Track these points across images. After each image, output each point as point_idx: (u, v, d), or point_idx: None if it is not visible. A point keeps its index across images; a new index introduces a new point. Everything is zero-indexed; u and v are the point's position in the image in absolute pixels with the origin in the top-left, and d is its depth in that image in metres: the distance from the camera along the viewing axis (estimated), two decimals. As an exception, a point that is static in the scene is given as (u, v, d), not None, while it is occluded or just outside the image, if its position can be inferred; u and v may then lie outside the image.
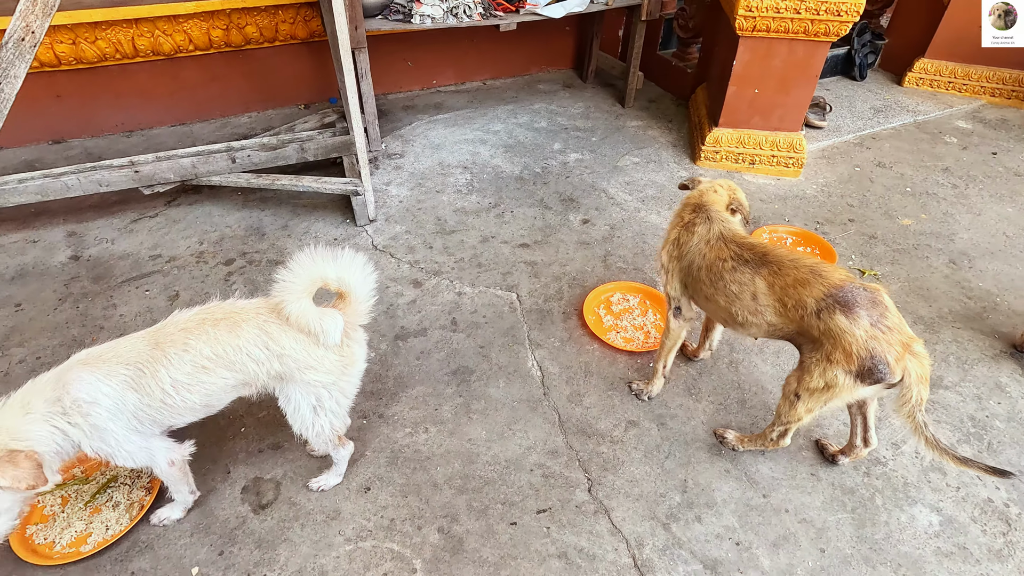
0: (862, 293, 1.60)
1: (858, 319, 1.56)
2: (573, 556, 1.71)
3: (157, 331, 1.53)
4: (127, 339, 1.53)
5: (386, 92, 4.27)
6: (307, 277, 1.52)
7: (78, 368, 1.44)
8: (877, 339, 1.54)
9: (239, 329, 1.52)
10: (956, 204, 3.28)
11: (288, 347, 1.54)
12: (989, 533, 1.79)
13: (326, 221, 2.99)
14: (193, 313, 1.56)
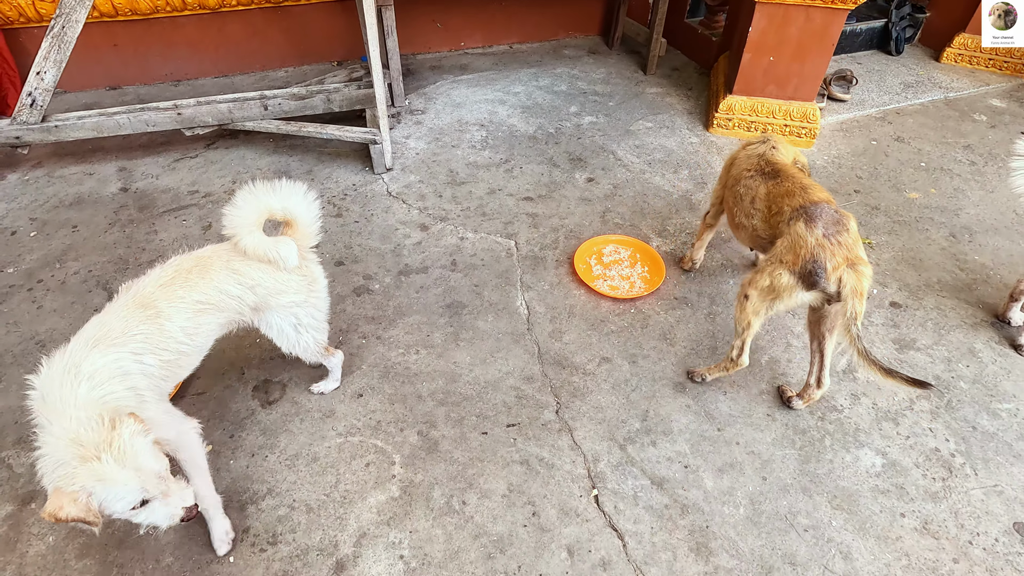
0: (829, 211, 1.79)
1: (814, 228, 1.75)
2: (534, 464, 1.91)
3: (135, 296, 1.52)
4: (109, 315, 1.48)
5: (415, 52, 4.44)
6: (253, 210, 1.63)
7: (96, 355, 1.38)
8: (824, 248, 1.71)
9: (210, 272, 1.60)
10: (970, 180, 3.25)
11: (257, 278, 1.66)
12: (929, 477, 1.90)
13: (347, 168, 3.22)
14: (163, 270, 1.59)
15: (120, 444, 1.23)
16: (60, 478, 1.21)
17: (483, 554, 1.69)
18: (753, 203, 2.03)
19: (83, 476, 1.20)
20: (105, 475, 1.20)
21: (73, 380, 1.31)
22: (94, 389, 1.32)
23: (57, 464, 1.23)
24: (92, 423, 1.24)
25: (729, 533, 1.76)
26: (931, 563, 1.70)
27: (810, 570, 1.68)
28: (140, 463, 1.25)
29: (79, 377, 1.32)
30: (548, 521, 1.77)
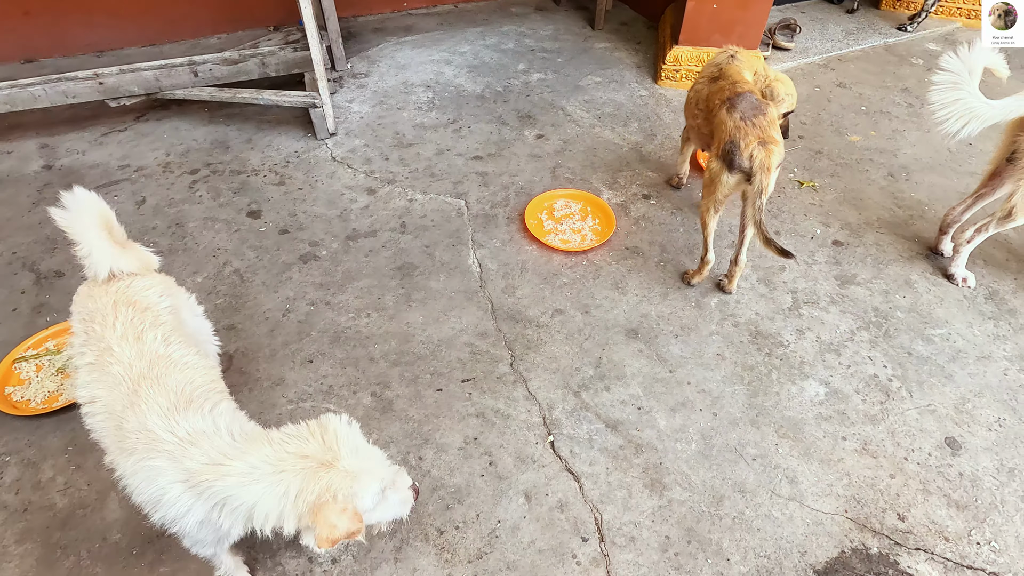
0: (750, 98, 1.95)
1: (733, 113, 1.94)
2: (490, 416, 1.92)
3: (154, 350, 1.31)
4: (169, 374, 1.28)
5: (356, 14, 4.27)
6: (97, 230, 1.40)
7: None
8: (740, 129, 1.93)
9: (144, 308, 1.41)
10: (907, 122, 3.33)
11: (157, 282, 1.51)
12: (868, 402, 1.99)
13: (288, 136, 3.10)
14: (104, 321, 1.33)
15: (339, 438, 1.14)
16: (311, 499, 1.09)
17: (441, 506, 1.70)
18: (698, 104, 2.27)
19: (338, 480, 1.10)
20: (353, 470, 1.12)
21: (224, 433, 1.19)
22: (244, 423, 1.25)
23: (287, 496, 1.10)
24: (301, 434, 1.15)
25: (682, 468, 1.81)
26: (870, 480, 1.79)
27: (758, 495, 1.75)
28: (367, 452, 1.18)
29: (222, 430, 1.20)
30: (505, 469, 1.79)
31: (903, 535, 1.67)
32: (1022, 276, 2.43)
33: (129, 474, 1.18)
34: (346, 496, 1.10)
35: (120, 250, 1.43)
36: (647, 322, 2.23)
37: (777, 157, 1.91)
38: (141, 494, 1.18)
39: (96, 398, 1.24)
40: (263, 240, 2.50)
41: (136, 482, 1.17)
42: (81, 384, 1.27)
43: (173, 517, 1.17)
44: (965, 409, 1.97)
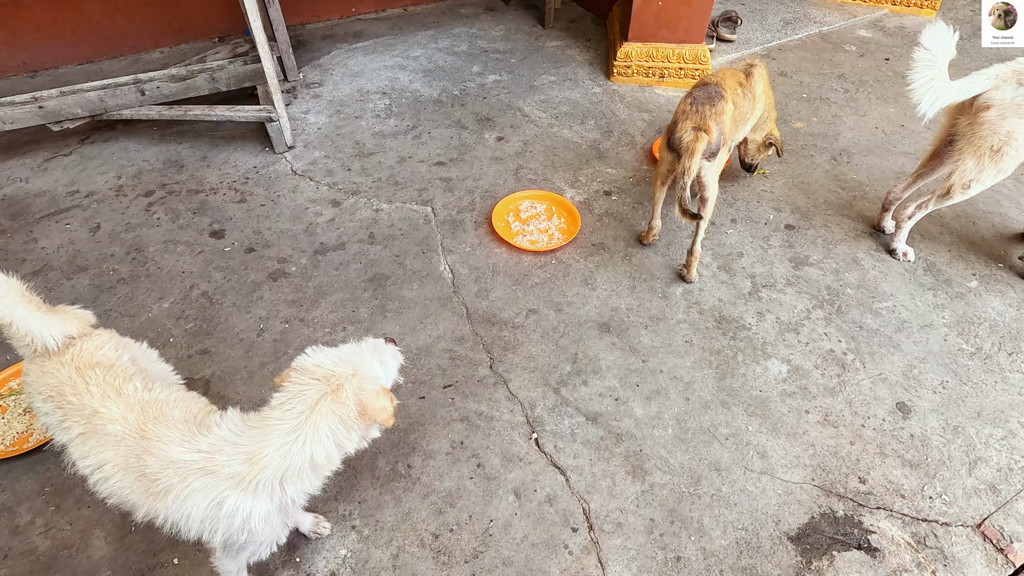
0: (711, 88, 2.13)
1: (687, 99, 2.12)
2: (474, 419, 1.97)
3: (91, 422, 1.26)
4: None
5: (304, 22, 4.20)
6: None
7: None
8: (684, 115, 2.12)
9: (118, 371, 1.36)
10: (845, 107, 3.53)
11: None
12: (826, 376, 2.13)
13: (245, 151, 3.04)
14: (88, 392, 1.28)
15: (321, 365, 1.27)
16: (355, 411, 1.23)
17: (434, 511, 1.74)
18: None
19: (354, 386, 1.23)
20: (353, 371, 1.25)
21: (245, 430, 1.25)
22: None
23: (334, 428, 1.22)
24: (294, 390, 1.24)
25: (660, 452, 1.90)
26: (832, 448, 1.92)
27: (733, 472, 1.85)
28: (340, 355, 1.30)
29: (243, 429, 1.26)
30: (493, 470, 1.84)
31: (865, 496, 1.81)
32: (955, 248, 2.63)
33: (175, 511, 1.19)
34: (368, 389, 1.25)
35: (57, 317, 1.36)
36: (618, 315, 2.31)
37: (703, 144, 2.05)
38: (195, 521, 1.19)
39: (104, 461, 1.22)
40: (229, 260, 2.47)
41: (185, 512, 1.18)
42: (80, 456, 1.25)
43: (239, 525, 1.19)
44: (912, 375, 2.13)
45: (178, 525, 1.22)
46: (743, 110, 2.36)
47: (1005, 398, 2.06)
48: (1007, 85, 2.12)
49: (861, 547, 1.70)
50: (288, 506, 1.27)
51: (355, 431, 1.26)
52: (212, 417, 1.29)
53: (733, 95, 2.26)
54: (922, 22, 4.43)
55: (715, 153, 2.14)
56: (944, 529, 1.74)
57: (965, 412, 2.02)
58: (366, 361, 1.29)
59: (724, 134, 2.16)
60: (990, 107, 2.15)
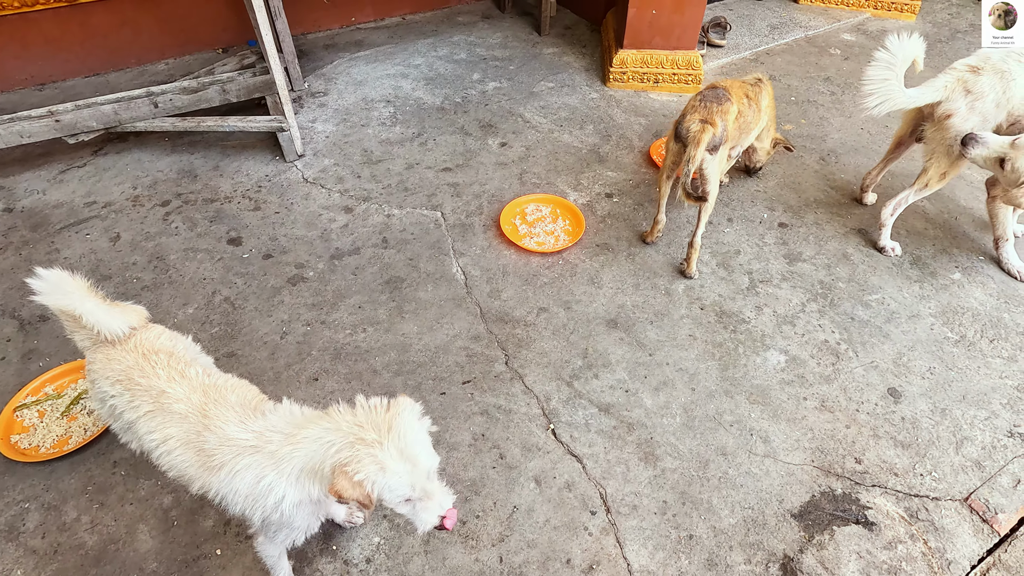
0: (718, 90, 2.33)
1: (696, 97, 2.35)
2: (493, 412, 2.07)
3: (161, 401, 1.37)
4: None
5: (305, 32, 4.29)
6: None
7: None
8: (693, 108, 2.31)
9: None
10: (832, 109, 3.68)
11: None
12: (822, 364, 2.26)
13: (256, 159, 3.13)
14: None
15: (400, 428, 1.18)
16: (342, 460, 1.16)
17: (460, 499, 1.84)
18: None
19: (365, 461, 1.15)
20: (386, 464, 1.16)
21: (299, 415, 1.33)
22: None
23: (332, 446, 1.18)
24: (366, 408, 1.22)
25: (670, 439, 2.02)
26: (830, 432, 2.05)
27: (738, 456, 1.98)
28: (416, 454, 1.20)
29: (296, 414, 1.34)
30: (514, 459, 1.95)
31: (861, 475, 1.94)
32: (939, 242, 2.78)
33: (225, 484, 1.28)
34: (363, 477, 1.15)
35: (119, 309, 1.48)
36: (624, 312, 2.43)
37: (709, 135, 2.21)
38: (240, 496, 1.28)
39: (168, 436, 1.33)
40: (248, 266, 2.56)
41: (234, 487, 1.27)
42: (146, 431, 1.35)
43: (273, 504, 1.26)
44: (902, 362, 2.27)
45: (227, 499, 1.31)
46: (747, 119, 2.50)
47: (987, 382, 2.21)
48: (957, 94, 2.31)
49: (859, 522, 1.83)
50: (320, 500, 1.31)
51: (329, 468, 1.20)
52: (266, 404, 1.40)
53: (739, 102, 2.42)
54: (903, 26, 4.61)
55: (717, 147, 2.28)
56: (935, 503, 1.87)
57: (951, 395, 2.16)
58: (397, 479, 1.17)
59: (727, 131, 2.31)
60: (951, 115, 2.34)
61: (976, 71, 2.31)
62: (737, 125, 2.45)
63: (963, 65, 2.35)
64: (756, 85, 2.63)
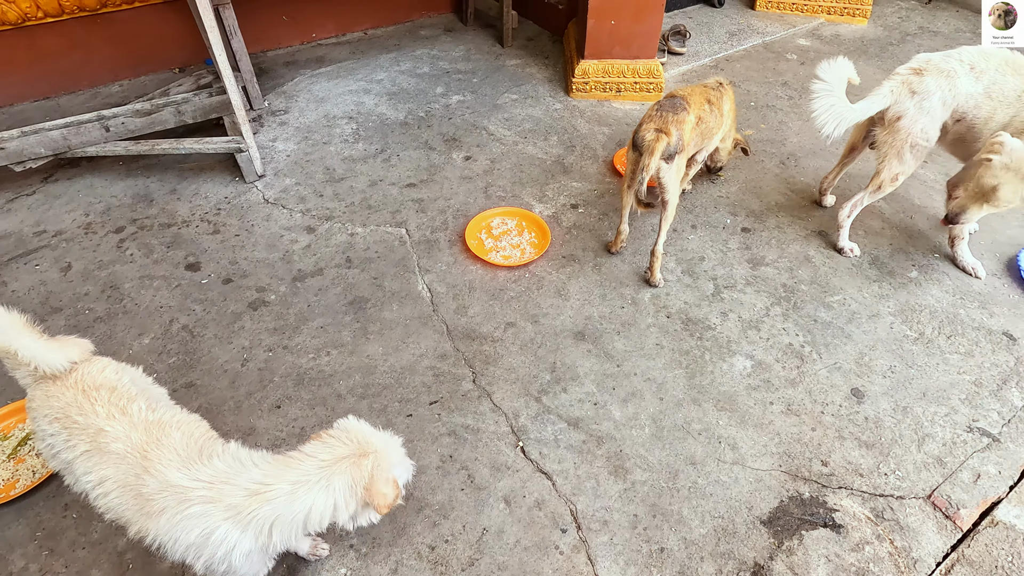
0: (676, 100, 2.36)
1: (654, 106, 2.37)
2: (461, 432, 2.05)
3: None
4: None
5: (265, 49, 4.23)
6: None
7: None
8: (650, 118, 2.32)
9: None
10: (790, 113, 3.76)
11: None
12: (787, 368, 2.28)
13: (215, 181, 3.07)
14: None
15: (361, 433, 1.34)
16: (365, 483, 1.28)
17: (428, 523, 1.81)
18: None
19: (378, 462, 1.29)
20: (383, 451, 1.32)
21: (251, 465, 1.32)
22: None
23: (340, 490, 1.28)
24: (329, 443, 1.32)
25: (639, 451, 2.01)
26: (796, 436, 2.07)
27: (707, 465, 1.98)
28: (375, 435, 1.36)
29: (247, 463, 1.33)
30: (483, 480, 1.92)
31: (827, 478, 1.96)
32: (896, 241, 2.84)
33: (165, 532, 1.23)
34: (384, 469, 1.31)
35: (58, 343, 1.43)
36: (591, 323, 2.43)
37: (663, 145, 2.23)
38: (181, 544, 1.24)
39: (105, 478, 1.27)
40: (207, 292, 2.49)
41: (176, 535, 1.23)
42: (83, 472, 1.30)
43: (222, 555, 1.24)
44: (864, 362, 2.31)
45: (165, 546, 1.27)
46: (709, 124, 2.54)
47: (946, 378, 2.25)
48: (904, 96, 2.39)
49: (827, 524, 1.84)
50: (270, 549, 1.32)
51: (353, 503, 1.30)
52: (214, 446, 1.35)
53: (699, 110, 2.45)
54: (855, 30, 4.75)
55: (673, 156, 2.30)
56: (899, 502, 1.90)
57: (912, 393, 2.20)
58: (394, 448, 1.37)
59: (683, 140, 2.32)
60: (902, 117, 2.40)
61: (919, 73, 2.39)
62: (699, 131, 2.49)
63: (906, 69, 2.44)
64: (718, 89, 2.66)
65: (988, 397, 2.19)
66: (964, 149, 2.51)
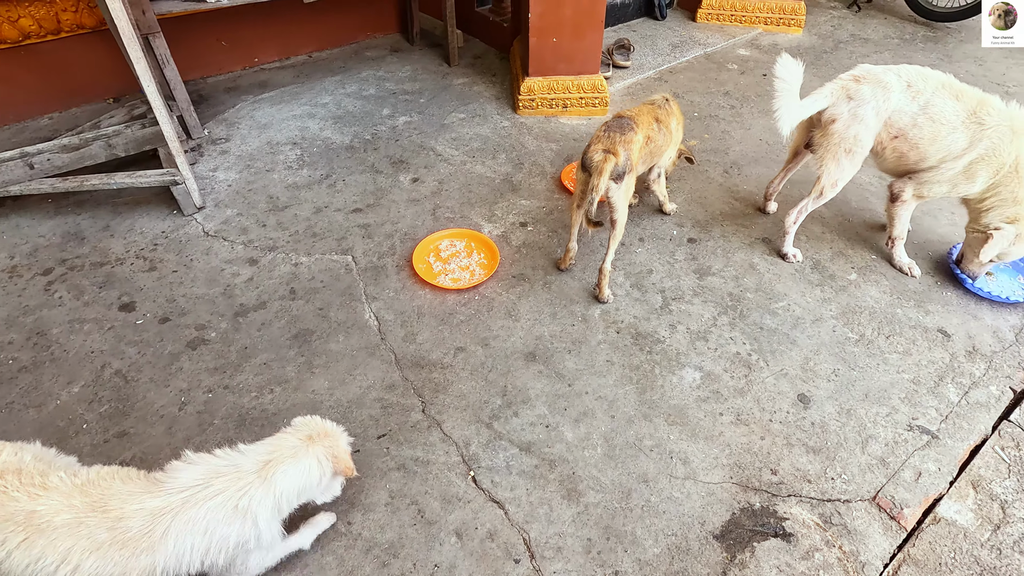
0: (623, 120, 2.38)
1: (602, 127, 2.39)
2: (410, 465, 2.00)
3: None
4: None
5: (205, 75, 4.13)
6: None
7: None
8: (597, 138, 2.35)
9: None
10: (732, 123, 3.85)
11: None
12: (735, 377, 2.31)
13: (151, 216, 2.96)
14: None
15: (314, 423, 1.65)
16: (330, 449, 1.57)
17: (377, 564, 1.75)
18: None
19: (333, 440, 1.61)
20: (333, 434, 1.64)
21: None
22: None
23: (320, 462, 1.55)
24: (295, 432, 1.59)
25: (592, 472, 2.00)
26: (746, 445, 2.09)
27: (659, 482, 1.98)
28: (323, 423, 1.66)
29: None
30: (433, 514, 1.87)
31: (777, 486, 1.97)
32: (836, 245, 2.92)
33: (178, 545, 1.31)
34: (344, 445, 1.63)
35: None
36: (542, 343, 2.41)
37: (611, 165, 2.25)
38: (199, 550, 1.35)
39: (69, 550, 1.21)
40: (142, 333, 2.39)
41: (193, 539, 1.33)
42: (32, 561, 1.21)
43: (250, 527, 1.41)
44: (809, 367, 2.35)
45: (182, 562, 1.33)
46: (658, 143, 2.59)
47: (886, 378, 2.31)
48: (841, 100, 2.47)
49: (777, 535, 1.86)
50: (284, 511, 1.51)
51: (328, 467, 1.55)
52: (154, 474, 1.40)
53: (647, 129, 2.49)
54: (792, 39, 4.92)
55: (621, 176, 2.31)
56: (846, 506, 1.93)
57: (855, 395, 2.25)
58: (342, 434, 1.65)
59: (631, 161, 2.34)
60: (835, 120, 2.48)
61: (858, 80, 2.48)
62: (648, 150, 2.53)
63: (848, 75, 2.53)
64: (664, 107, 2.69)
65: (926, 395, 2.26)
66: (907, 168, 2.58)
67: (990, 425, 2.17)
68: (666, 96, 2.77)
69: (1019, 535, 1.86)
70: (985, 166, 2.38)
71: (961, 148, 2.40)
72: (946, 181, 2.47)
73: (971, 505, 1.93)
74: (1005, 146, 2.34)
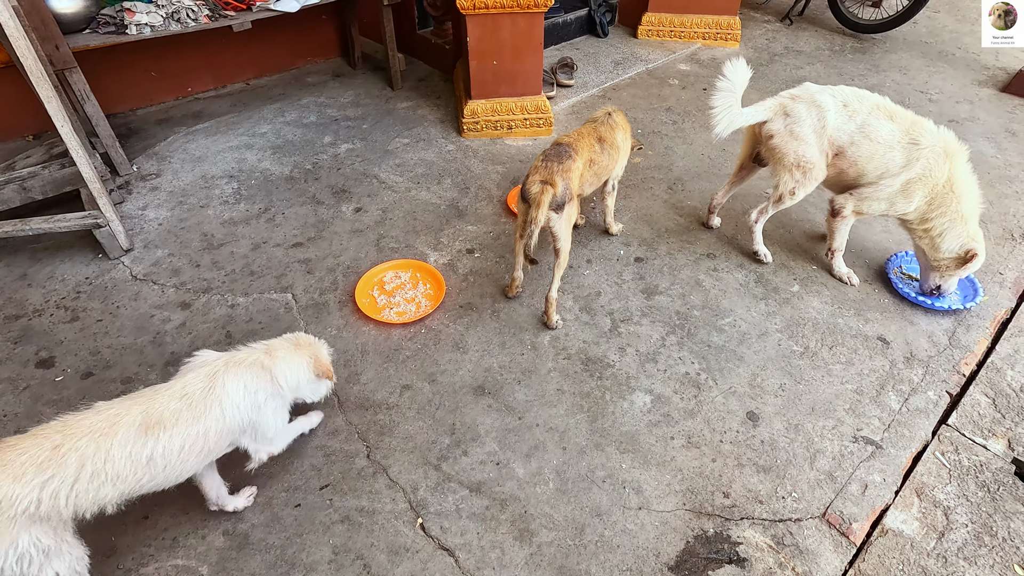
0: (561, 148, 2.36)
1: (540, 156, 2.35)
2: (355, 516, 1.91)
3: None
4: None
5: (134, 107, 3.96)
6: None
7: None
8: (535, 169, 2.31)
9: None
10: (675, 138, 3.91)
11: None
12: (685, 399, 2.30)
13: (74, 261, 2.79)
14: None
15: (304, 337, 1.96)
16: (314, 353, 1.92)
17: (320, 630, 1.65)
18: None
19: (316, 348, 1.95)
20: (316, 344, 1.96)
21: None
22: None
23: (306, 361, 1.89)
24: (289, 338, 1.94)
25: (544, 509, 1.95)
26: (698, 469, 2.07)
27: (613, 514, 1.94)
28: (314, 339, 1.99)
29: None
30: (380, 568, 1.79)
31: (729, 510, 1.96)
32: (778, 256, 2.97)
33: (223, 410, 1.67)
34: (323, 352, 1.96)
35: None
36: (491, 375, 2.36)
37: (549, 196, 2.22)
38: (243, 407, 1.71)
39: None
40: (62, 391, 2.23)
41: (234, 402, 1.69)
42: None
43: (264, 396, 1.75)
44: (756, 383, 2.37)
45: (235, 416, 1.68)
46: (603, 163, 2.59)
47: (831, 389, 2.35)
48: (777, 116, 2.54)
49: (732, 560, 1.84)
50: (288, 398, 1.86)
51: (311, 373, 1.87)
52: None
53: (589, 152, 2.49)
54: (729, 52, 5.05)
55: (562, 206, 2.29)
56: (797, 525, 1.93)
57: (802, 409, 2.27)
58: (324, 348, 1.98)
59: (570, 190, 2.32)
60: (772, 136, 2.54)
61: (794, 99, 2.55)
62: (593, 171, 2.53)
63: (787, 93, 2.60)
64: (607, 123, 2.68)
65: (869, 404, 2.30)
66: (848, 183, 2.65)
67: (930, 431, 2.22)
68: (608, 111, 2.76)
69: (963, 541, 1.89)
70: (921, 186, 2.46)
71: (899, 166, 2.47)
72: (884, 198, 2.54)
73: (916, 514, 1.96)
74: (939, 167, 2.42)
